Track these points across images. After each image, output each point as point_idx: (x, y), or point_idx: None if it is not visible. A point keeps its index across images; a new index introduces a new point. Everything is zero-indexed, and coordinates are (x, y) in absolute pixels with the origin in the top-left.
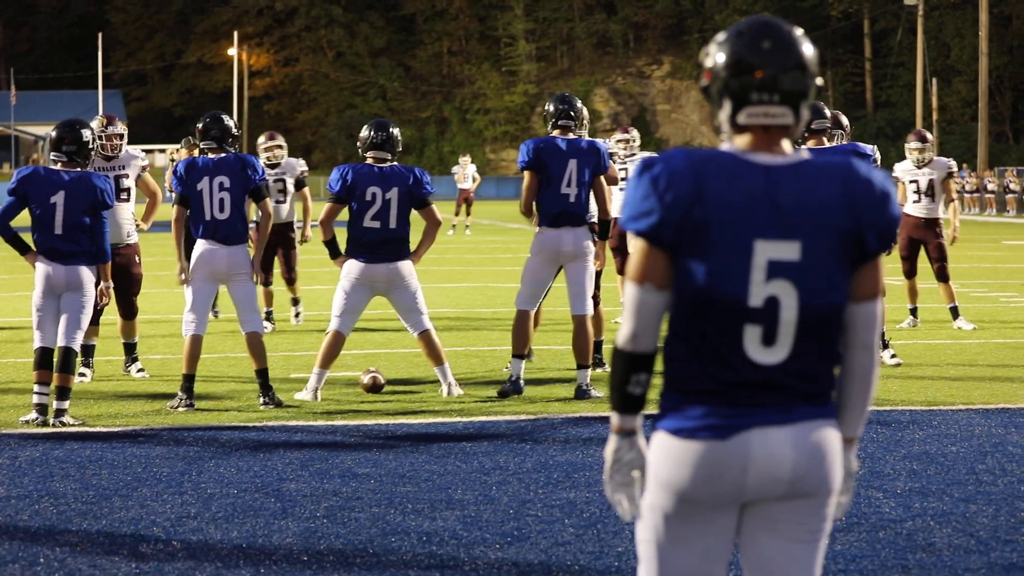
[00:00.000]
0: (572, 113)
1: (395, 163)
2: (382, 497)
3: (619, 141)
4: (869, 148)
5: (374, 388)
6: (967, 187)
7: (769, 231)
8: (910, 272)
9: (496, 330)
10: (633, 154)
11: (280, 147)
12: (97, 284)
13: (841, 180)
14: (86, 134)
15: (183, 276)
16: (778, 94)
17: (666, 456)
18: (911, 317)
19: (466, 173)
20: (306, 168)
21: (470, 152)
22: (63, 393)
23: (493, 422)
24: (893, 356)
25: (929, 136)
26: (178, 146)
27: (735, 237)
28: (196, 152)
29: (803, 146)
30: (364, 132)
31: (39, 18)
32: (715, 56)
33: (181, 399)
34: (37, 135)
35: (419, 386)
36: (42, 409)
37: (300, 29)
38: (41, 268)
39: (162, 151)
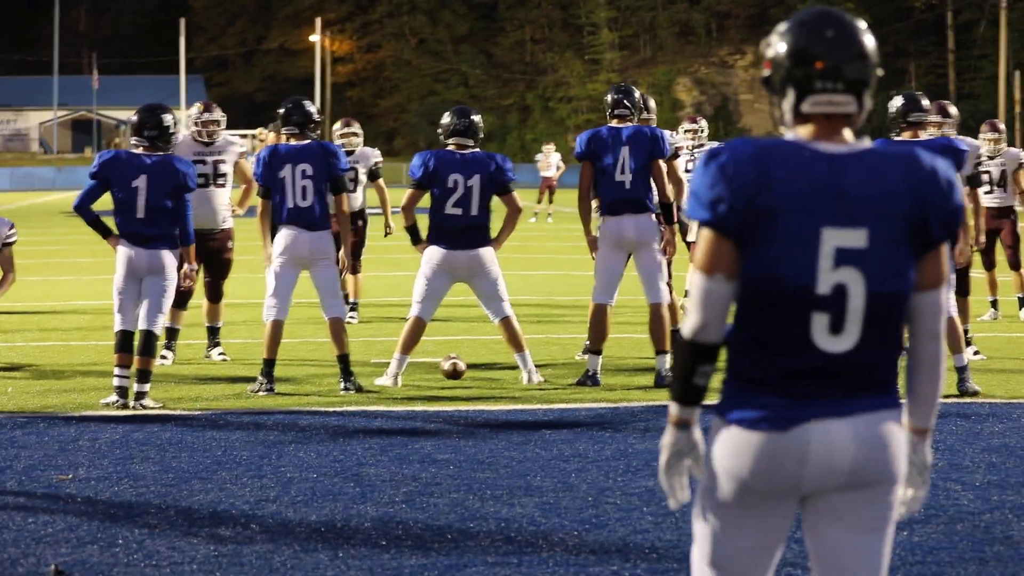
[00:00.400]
0: (627, 102)
1: (477, 150)
2: (461, 483)
3: (687, 131)
4: (965, 144)
5: (454, 374)
6: None
7: (835, 218)
8: (988, 264)
9: (576, 318)
10: (701, 144)
11: (356, 135)
12: (180, 267)
13: (905, 169)
14: (167, 118)
15: (269, 261)
16: (842, 82)
17: (726, 445)
18: (992, 310)
19: (549, 161)
20: (380, 158)
21: (553, 140)
22: (144, 376)
23: (573, 409)
24: (976, 352)
25: (1001, 126)
26: (262, 129)
27: (802, 224)
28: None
29: (899, 137)
30: (446, 119)
31: (122, 3)
32: (777, 46)
33: (261, 383)
34: (119, 119)
35: (499, 372)
36: (122, 392)
37: (383, 15)
38: (123, 252)
39: (244, 136)
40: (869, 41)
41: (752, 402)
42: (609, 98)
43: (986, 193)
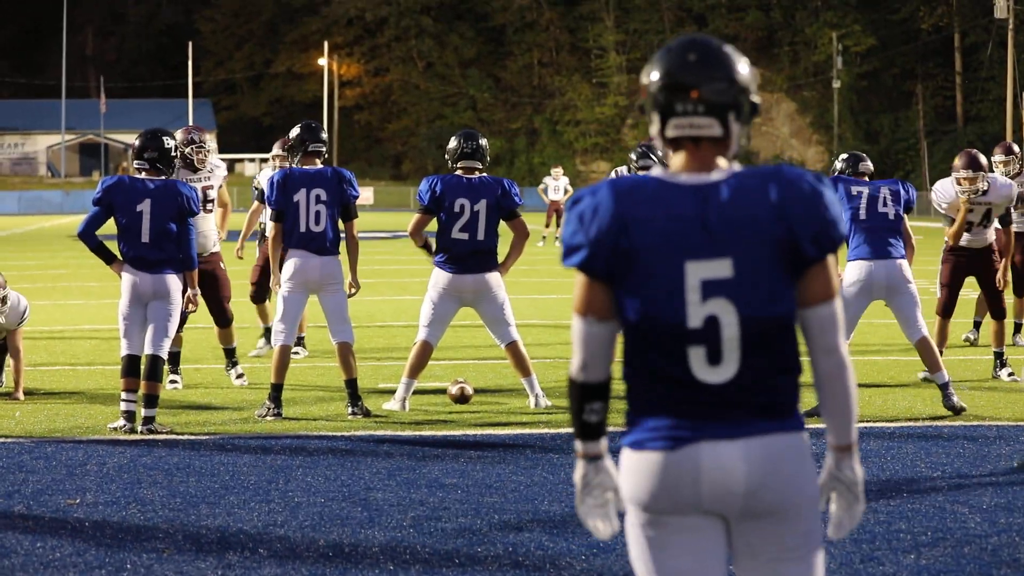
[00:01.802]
0: (652, 155)
1: (484, 174)
2: (469, 507)
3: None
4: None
5: (462, 398)
6: None
7: (699, 251)
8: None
9: None
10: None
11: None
12: (184, 292)
13: (769, 190)
14: (169, 142)
15: (277, 286)
16: (703, 105)
17: (627, 470)
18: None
19: (557, 184)
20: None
21: (560, 164)
22: (151, 400)
23: None
24: (1011, 375)
25: (1016, 148)
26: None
27: (665, 262)
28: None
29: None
30: (453, 143)
31: (128, 27)
32: (649, 73)
33: (269, 408)
34: (126, 143)
35: (507, 396)
36: (130, 416)
37: (390, 39)
38: (128, 277)
39: (251, 160)
40: (738, 66)
41: (644, 425)
42: (635, 154)
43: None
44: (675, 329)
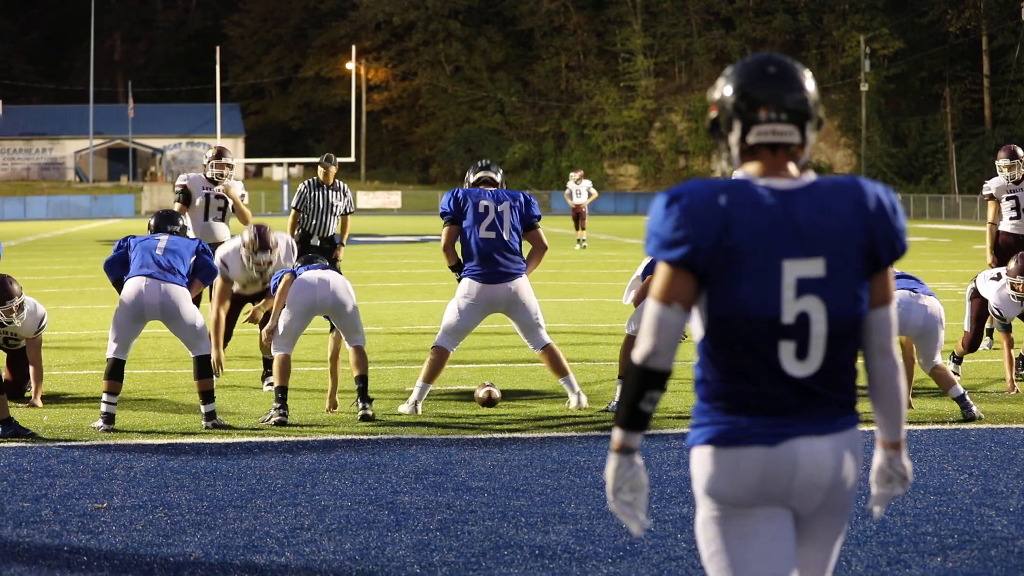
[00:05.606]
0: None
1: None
2: (495, 511)
3: None
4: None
5: (489, 402)
6: None
7: (793, 250)
8: None
9: (612, 345)
10: None
11: (230, 166)
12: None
13: (852, 198)
14: (183, 220)
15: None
16: (784, 113)
17: (714, 466)
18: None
19: (580, 188)
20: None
21: (588, 167)
22: (207, 397)
23: (607, 436)
24: None
25: (1020, 152)
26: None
27: (764, 259)
28: (332, 171)
29: None
30: (469, 173)
31: (157, 32)
32: (723, 88)
33: (275, 410)
34: (154, 148)
35: (534, 400)
36: (109, 418)
37: (418, 43)
38: (133, 286)
39: (279, 165)
40: (809, 81)
41: (734, 421)
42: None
43: (1011, 219)
44: (769, 324)
